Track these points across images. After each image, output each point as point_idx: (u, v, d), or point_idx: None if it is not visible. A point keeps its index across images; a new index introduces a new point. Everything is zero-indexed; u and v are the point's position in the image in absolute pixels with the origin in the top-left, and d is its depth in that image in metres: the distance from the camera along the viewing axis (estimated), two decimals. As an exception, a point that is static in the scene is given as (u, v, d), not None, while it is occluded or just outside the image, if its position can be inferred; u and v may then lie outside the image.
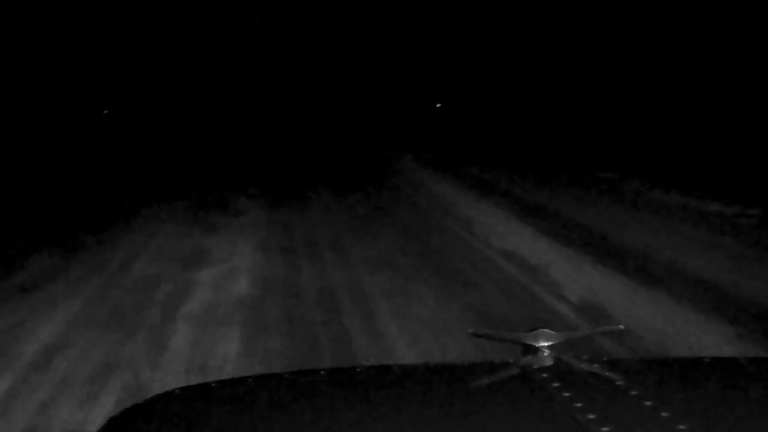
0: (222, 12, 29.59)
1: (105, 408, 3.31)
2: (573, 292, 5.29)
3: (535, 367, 1.10)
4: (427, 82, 25.81)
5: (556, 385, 1.01)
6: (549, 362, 1.12)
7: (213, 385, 1.15)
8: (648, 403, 0.94)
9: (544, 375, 1.06)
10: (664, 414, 0.91)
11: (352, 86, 28.48)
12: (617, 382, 1.03)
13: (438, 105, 22.24)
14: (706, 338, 4.28)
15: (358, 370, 1.22)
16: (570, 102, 18.09)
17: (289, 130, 19.56)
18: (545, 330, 1.20)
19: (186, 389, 1.16)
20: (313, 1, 30.00)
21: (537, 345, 1.17)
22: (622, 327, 1.63)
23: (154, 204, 9.23)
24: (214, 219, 8.34)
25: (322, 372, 1.25)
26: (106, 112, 20.68)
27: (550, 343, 1.17)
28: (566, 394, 0.98)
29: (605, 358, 1.21)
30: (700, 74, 13.99)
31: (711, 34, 13.82)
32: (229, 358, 3.97)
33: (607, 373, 1.08)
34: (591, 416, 0.90)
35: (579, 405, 0.94)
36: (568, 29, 19.23)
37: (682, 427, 0.87)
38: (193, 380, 3.68)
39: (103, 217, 8.47)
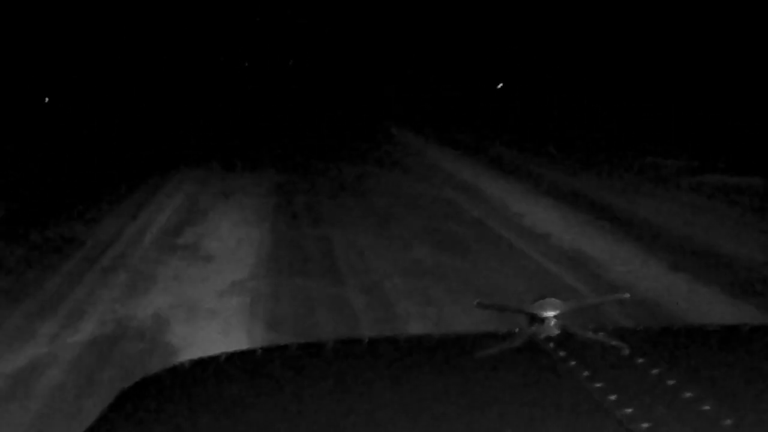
0: (224, 9, 29.64)
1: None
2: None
3: (541, 336, 1.10)
4: (423, 68, 26.13)
5: (562, 354, 1.02)
6: (555, 332, 1.11)
7: (222, 357, 1.16)
8: (655, 371, 0.95)
9: (551, 344, 1.06)
10: (670, 382, 0.91)
11: (358, 69, 28.69)
12: (624, 351, 1.03)
13: (500, 86, 21.89)
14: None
15: (364, 341, 1.23)
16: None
17: (295, 114, 19.76)
18: (551, 299, 1.19)
19: (195, 362, 1.16)
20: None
21: (543, 315, 1.17)
22: (628, 295, 1.62)
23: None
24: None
25: (328, 344, 1.26)
26: (47, 99, 20.74)
27: (555, 313, 1.16)
28: (573, 363, 0.98)
29: (611, 327, 1.21)
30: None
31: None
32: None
33: (614, 342, 1.08)
34: (598, 385, 0.90)
35: (586, 374, 0.94)
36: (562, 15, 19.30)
37: (688, 394, 0.88)
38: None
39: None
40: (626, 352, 1.03)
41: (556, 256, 5.48)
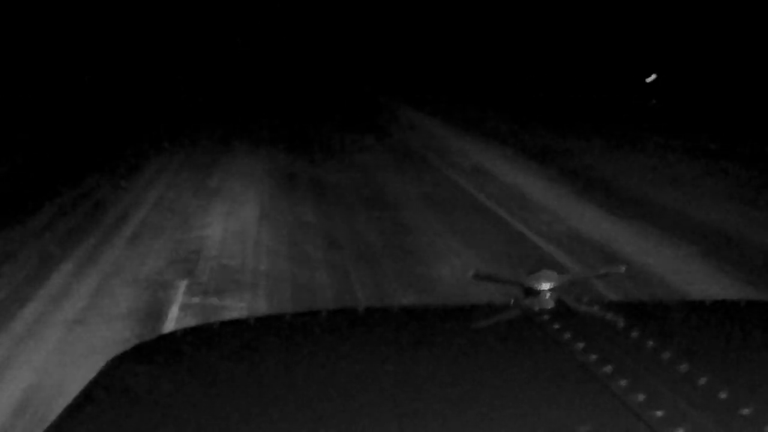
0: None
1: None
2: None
3: (536, 308, 1.10)
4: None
5: (557, 326, 1.01)
6: (550, 304, 1.11)
7: (215, 326, 1.15)
8: (649, 344, 0.94)
9: (546, 317, 1.06)
10: (664, 355, 0.91)
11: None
12: (618, 324, 1.03)
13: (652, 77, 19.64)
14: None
15: (359, 311, 1.22)
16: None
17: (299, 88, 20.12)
18: (547, 271, 1.19)
19: (188, 330, 1.16)
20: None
21: (538, 287, 1.16)
22: (623, 268, 1.60)
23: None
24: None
25: (323, 313, 1.25)
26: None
27: (551, 285, 1.16)
28: (567, 336, 0.97)
29: (606, 300, 1.21)
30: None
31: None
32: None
33: (608, 315, 1.08)
34: (593, 357, 0.90)
35: (581, 346, 0.94)
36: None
37: (682, 367, 0.87)
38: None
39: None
40: (621, 325, 1.03)
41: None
